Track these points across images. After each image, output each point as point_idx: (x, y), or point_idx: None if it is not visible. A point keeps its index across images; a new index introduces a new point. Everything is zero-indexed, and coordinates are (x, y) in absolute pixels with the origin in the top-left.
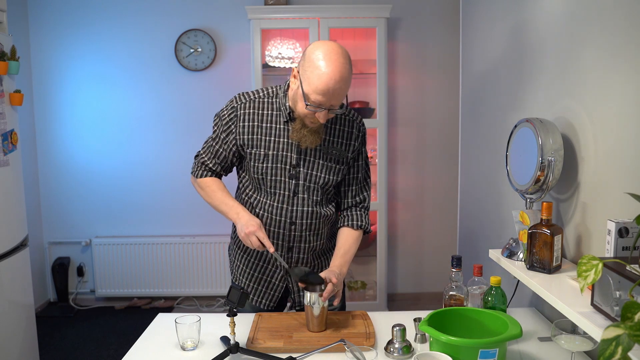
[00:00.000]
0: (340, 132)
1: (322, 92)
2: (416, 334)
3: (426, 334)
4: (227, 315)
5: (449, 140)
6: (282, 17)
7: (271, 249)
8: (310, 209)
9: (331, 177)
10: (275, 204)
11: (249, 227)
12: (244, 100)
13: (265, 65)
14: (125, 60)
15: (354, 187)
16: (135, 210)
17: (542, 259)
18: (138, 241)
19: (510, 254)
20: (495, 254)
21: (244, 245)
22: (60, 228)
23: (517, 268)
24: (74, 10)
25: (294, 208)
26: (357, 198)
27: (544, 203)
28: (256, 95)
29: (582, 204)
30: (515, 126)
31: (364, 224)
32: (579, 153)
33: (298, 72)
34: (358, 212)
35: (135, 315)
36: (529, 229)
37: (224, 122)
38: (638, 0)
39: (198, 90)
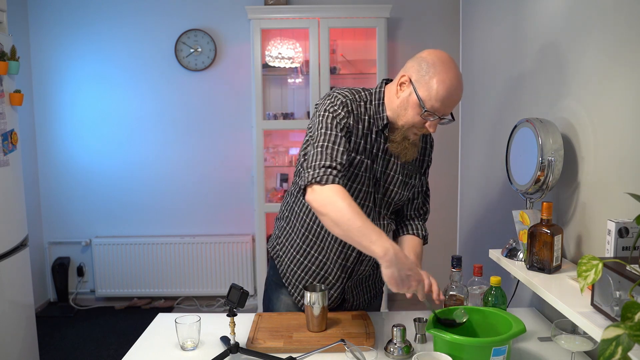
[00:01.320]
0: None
1: (443, 99)
2: (416, 334)
3: (427, 333)
4: (227, 315)
5: (449, 140)
6: (282, 17)
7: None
8: (384, 222)
9: (405, 193)
10: None
11: (420, 274)
12: (350, 97)
13: (265, 65)
14: (125, 60)
15: (419, 200)
16: (135, 210)
17: (542, 259)
18: (138, 241)
19: (510, 254)
20: (495, 254)
21: (297, 247)
22: (60, 228)
23: (517, 268)
24: (74, 10)
25: (373, 221)
26: (421, 210)
27: (544, 203)
28: (354, 96)
29: (582, 204)
30: (515, 126)
31: (427, 234)
32: (579, 153)
33: (410, 79)
34: (420, 224)
35: (135, 315)
36: (529, 229)
37: (339, 117)
38: (638, 0)
39: (198, 90)
